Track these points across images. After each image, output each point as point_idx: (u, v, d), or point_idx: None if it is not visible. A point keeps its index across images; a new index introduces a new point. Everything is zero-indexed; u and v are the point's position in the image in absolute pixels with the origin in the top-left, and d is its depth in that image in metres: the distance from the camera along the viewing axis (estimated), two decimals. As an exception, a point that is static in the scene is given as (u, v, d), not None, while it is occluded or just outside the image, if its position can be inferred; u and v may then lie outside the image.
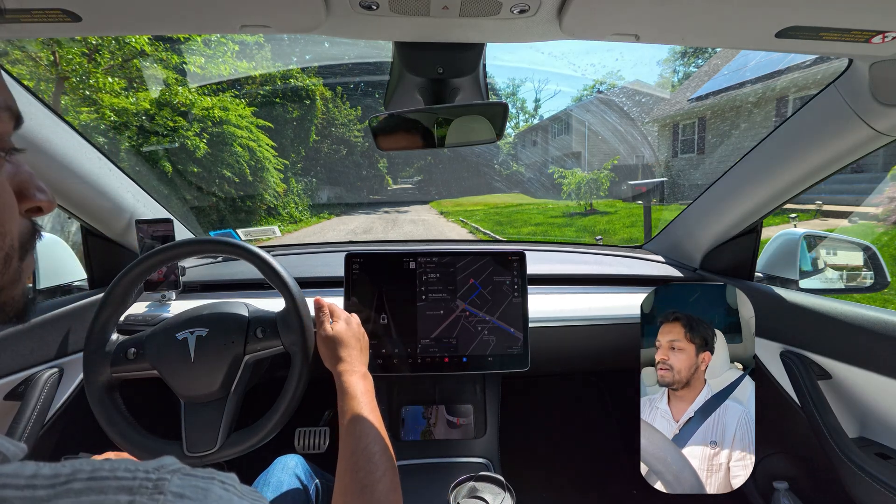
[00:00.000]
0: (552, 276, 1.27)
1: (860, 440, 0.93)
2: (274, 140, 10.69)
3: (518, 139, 25.29)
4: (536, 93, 34.86)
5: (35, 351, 0.93)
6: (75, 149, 0.93)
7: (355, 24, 0.59)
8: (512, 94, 28.34)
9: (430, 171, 22.96)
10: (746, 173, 1.06)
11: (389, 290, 1.03)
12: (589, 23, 0.58)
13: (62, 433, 0.98)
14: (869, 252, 1.14)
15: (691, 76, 15.40)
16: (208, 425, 0.79)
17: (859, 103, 0.76)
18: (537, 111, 32.08)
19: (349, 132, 17.04)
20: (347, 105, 16.97)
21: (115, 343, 0.83)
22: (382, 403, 1.15)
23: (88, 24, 0.55)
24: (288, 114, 12.74)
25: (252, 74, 10.81)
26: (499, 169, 21.37)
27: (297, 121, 13.16)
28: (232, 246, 0.85)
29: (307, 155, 14.19)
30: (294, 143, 13.29)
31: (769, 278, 1.19)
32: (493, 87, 17.83)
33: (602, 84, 23.90)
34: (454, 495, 0.78)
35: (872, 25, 0.56)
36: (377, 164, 18.75)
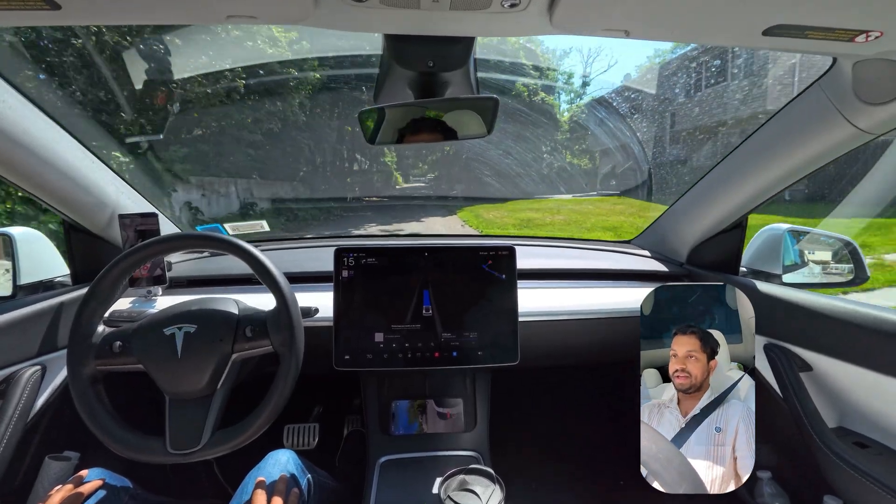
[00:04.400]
0: (541, 271, 1.28)
1: (839, 430, 0.96)
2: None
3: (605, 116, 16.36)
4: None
5: (16, 348, 0.91)
6: (55, 141, 0.91)
7: (344, 15, 0.58)
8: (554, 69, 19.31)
9: (450, 165, 15.47)
10: (732, 170, 1.07)
11: (380, 284, 1.03)
12: (579, 18, 0.58)
13: (45, 432, 0.96)
14: (850, 247, 1.16)
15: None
16: (193, 423, 0.78)
17: (842, 102, 0.78)
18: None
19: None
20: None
21: (100, 335, 0.81)
22: (373, 398, 1.15)
23: (68, 12, 0.54)
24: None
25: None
26: (550, 160, 15.07)
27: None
28: (222, 242, 0.84)
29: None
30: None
31: (753, 273, 1.21)
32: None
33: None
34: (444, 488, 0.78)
35: (856, 25, 0.57)
36: (381, 157, 12.63)
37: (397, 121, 0.74)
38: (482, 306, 1.04)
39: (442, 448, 1.08)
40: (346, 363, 1.00)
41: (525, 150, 12.89)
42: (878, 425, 0.90)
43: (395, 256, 1.04)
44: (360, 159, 13.45)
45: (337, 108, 11.34)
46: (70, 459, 0.96)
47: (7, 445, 0.85)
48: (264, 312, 0.86)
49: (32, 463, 0.93)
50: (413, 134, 0.75)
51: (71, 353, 0.78)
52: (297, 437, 1.45)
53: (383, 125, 0.74)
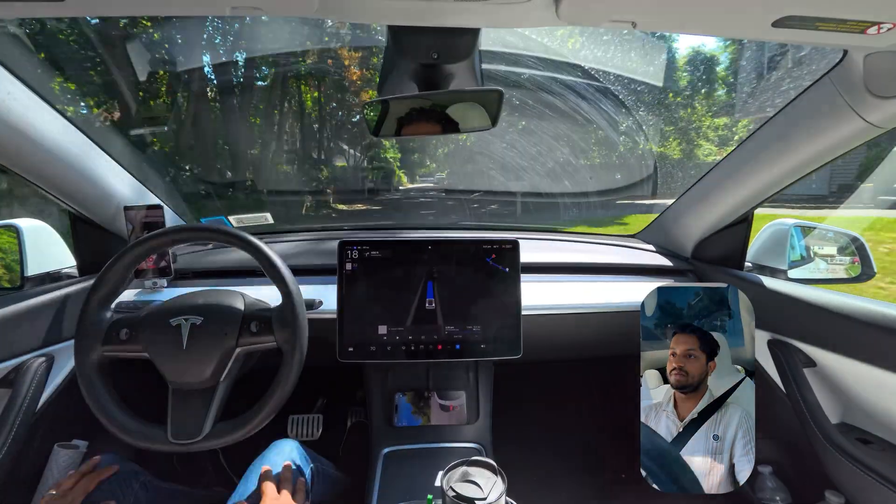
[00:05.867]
0: (545, 265, 1.28)
1: (842, 426, 0.96)
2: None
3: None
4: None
5: (24, 338, 0.92)
6: (61, 133, 0.91)
7: (349, 6, 0.58)
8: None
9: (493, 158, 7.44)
10: (739, 163, 1.06)
11: (384, 277, 1.03)
12: (585, 9, 0.57)
13: (53, 421, 0.97)
14: (857, 243, 1.15)
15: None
16: (195, 413, 0.79)
17: (852, 95, 0.76)
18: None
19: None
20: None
21: (108, 321, 0.82)
22: (376, 390, 1.16)
23: (72, 3, 0.53)
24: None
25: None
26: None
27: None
28: (229, 235, 0.84)
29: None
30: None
31: (759, 268, 1.20)
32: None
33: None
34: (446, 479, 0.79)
35: (868, 16, 0.56)
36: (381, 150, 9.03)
37: (401, 113, 0.74)
38: (485, 300, 1.04)
39: (444, 440, 1.09)
40: (350, 356, 1.01)
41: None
42: (882, 421, 0.89)
43: (399, 249, 1.04)
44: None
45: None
46: (78, 448, 0.97)
47: (16, 434, 0.86)
48: (270, 308, 0.87)
49: (41, 451, 0.95)
50: (417, 126, 0.75)
51: (78, 337, 0.79)
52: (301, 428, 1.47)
53: (387, 118, 0.74)
